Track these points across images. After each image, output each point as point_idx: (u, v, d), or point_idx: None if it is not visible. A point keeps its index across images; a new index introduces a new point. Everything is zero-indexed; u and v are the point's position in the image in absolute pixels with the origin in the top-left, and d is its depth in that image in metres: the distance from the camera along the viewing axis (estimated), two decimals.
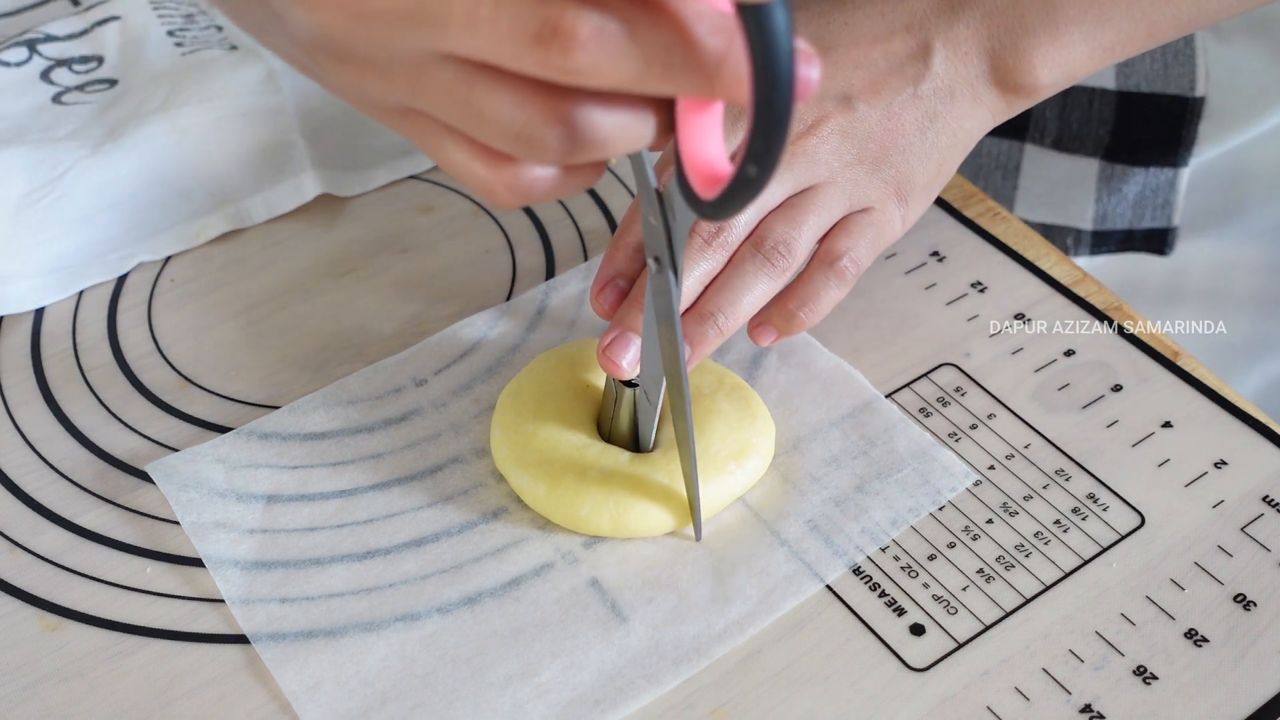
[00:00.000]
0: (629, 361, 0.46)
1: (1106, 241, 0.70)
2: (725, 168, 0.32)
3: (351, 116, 0.64)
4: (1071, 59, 0.50)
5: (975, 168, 0.72)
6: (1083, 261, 0.71)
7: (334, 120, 0.64)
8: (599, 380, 0.49)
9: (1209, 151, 0.66)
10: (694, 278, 0.47)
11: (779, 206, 0.48)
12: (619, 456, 0.47)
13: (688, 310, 0.47)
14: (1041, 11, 0.49)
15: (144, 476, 0.49)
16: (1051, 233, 0.71)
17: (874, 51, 0.50)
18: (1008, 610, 0.45)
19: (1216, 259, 0.69)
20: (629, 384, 0.46)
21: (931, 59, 0.49)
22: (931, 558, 0.46)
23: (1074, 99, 0.67)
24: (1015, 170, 0.70)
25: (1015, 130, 0.69)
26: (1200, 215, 0.69)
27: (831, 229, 0.49)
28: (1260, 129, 0.65)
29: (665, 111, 0.32)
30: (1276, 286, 0.69)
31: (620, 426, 0.47)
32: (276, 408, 0.51)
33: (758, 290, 0.47)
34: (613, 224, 0.60)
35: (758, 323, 0.49)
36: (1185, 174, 0.67)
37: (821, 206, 0.49)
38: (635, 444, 0.48)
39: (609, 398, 0.48)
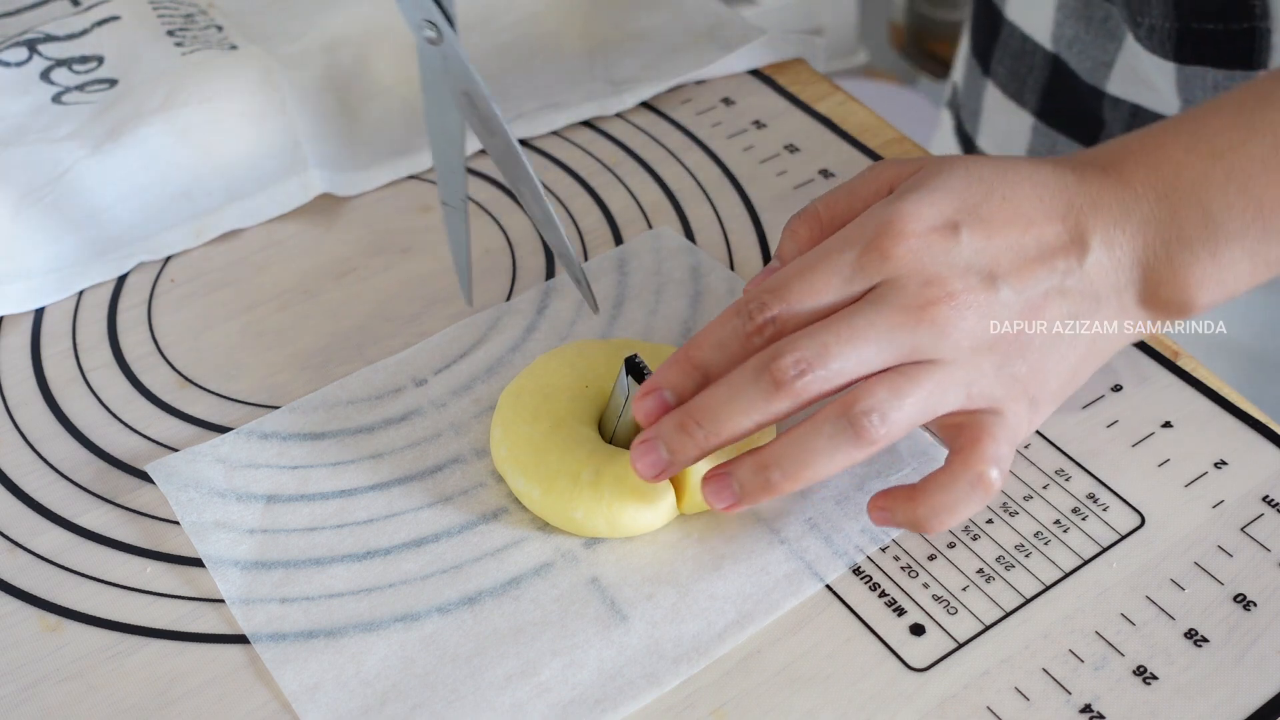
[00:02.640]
0: (655, 475, 0.44)
1: None
2: None
3: (351, 116, 0.64)
4: (1231, 278, 0.46)
5: None
6: None
7: (334, 120, 0.64)
8: (600, 381, 0.49)
9: None
10: (751, 420, 0.43)
11: (884, 370, 0.43)
12: (614, 455, 0.47)
13: (745, 455, 0.43)
14: (1201, 225, 0.45)
15: (144, 476, 0.49)
16: None
17: (1027, 236, 0.45)
18: (1008, 610, 0.45)
19: None
20: (641, 380, 0.46)
21: (1084, 257, 0.45)
22: (931, 558, 0.46)
23: None
24: None
25: None
26: None
27: (970, 431, 0.44)
28: None
29: None
30: None
31: (627, 428, 0.47)
32: (276, 408, 0.51)
33: (835, 460, 0.42)
34: (613, 224, 0.60)
35: (881, 506, 0.45)
36: None
37: (935, 385, 0.43)
38: None
39: (616, 399, 0.48)
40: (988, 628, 0.44)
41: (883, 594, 0.45)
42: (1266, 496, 0.48)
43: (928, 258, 0.44)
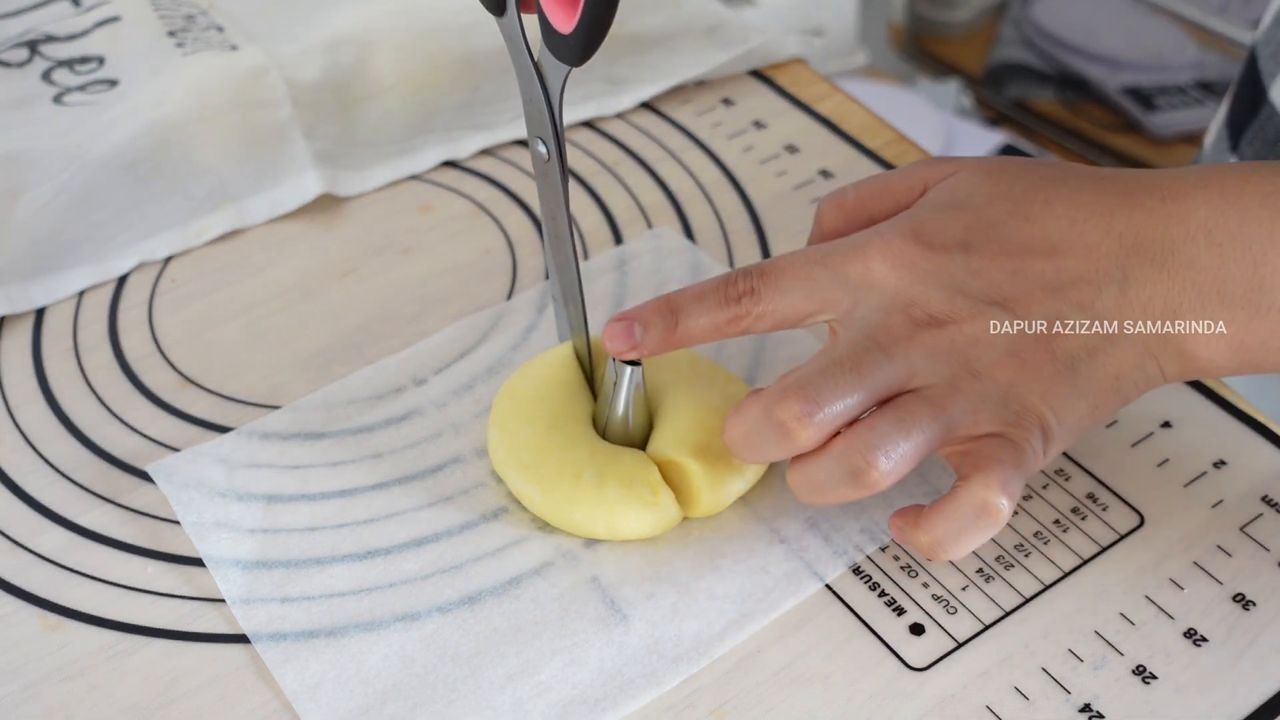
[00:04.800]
0: (624, 347, 0.45)
1: None
2: None
3: (351, 116, 0.64)
4: (1261, 353, 0.42)
5: None
6: None
7: (333, 119, 0.64)
8: (595, 378, 0.49)
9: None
10: (710, 326, 0.44)
11: (888, 404, 0.42)
12: (615, 457, 0.47)
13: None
14: (1247, 286, 0.41)
15: (145, 476, 0.49)
16: None
17: (1046, 262, 0.42)
18: (1007, 610, 0.45)
19: None
20: (631, 362, 0.46)
21: (1104, 290, 0.42)
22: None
23: None
24: None
25: None
26: None
27: (977, 457, 0.41)
28: None
29: None
30: None
31: (618, 413, 0.47)
32: (276, 408, 0.51)
33: (840, 495, 0.42)
34: (613, 224, 0.60)
35: (897, 525, 0.43)
36: None
37: (937, 412, 0.41)
38: (630, 436, 0.48)
39: (606, 389, 0.47)
40: (987, 627, 0.45)
41: (882, 593, 0.45)
42: (1266, 496, 0.48)
43: (912, 277, 0.43)
